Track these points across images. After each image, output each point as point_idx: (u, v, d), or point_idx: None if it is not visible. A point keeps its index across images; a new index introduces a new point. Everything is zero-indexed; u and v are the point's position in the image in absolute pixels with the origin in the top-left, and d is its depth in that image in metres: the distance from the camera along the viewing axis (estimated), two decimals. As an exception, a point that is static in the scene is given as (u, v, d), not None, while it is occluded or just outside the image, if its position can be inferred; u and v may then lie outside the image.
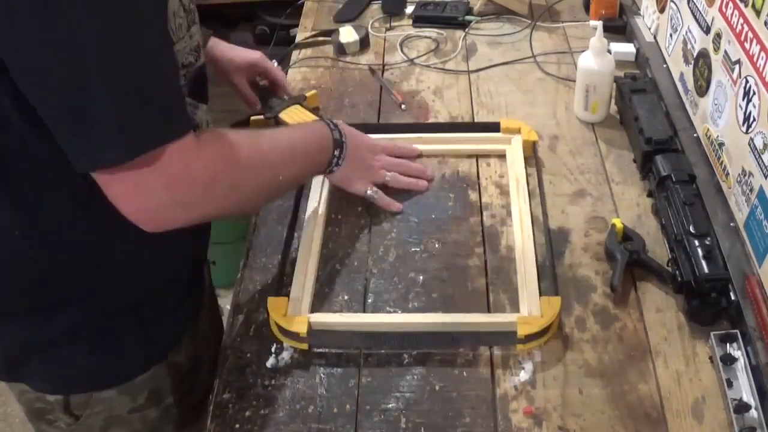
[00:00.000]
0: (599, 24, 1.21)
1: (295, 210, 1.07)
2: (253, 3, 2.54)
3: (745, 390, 0.82)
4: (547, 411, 0.83)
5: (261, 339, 0.92)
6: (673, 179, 1.01)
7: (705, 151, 1.08)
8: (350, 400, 0.85)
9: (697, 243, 0.92)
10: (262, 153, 0.86)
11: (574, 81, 1.24)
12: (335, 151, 1.00)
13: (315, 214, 1.06)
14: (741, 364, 0.84)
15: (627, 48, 1.37)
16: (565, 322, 0.92)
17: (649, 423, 0.82)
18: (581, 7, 1.54)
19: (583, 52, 1.20)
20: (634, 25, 1.40)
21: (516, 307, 0.94)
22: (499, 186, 1.12)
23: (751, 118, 0.92)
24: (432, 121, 1.27)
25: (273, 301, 0.92)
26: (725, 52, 1.01)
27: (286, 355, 0.90)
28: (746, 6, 0.94)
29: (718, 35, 1.03)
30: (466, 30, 1.51)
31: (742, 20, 0.95)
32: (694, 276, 0.90)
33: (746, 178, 0.93)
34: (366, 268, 1.00)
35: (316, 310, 0.94)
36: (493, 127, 1.19)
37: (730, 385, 0.83)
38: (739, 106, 0.96)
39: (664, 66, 1.26)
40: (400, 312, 0.94)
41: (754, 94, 0.91)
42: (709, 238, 0.93)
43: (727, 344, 0.86)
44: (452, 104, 1.31)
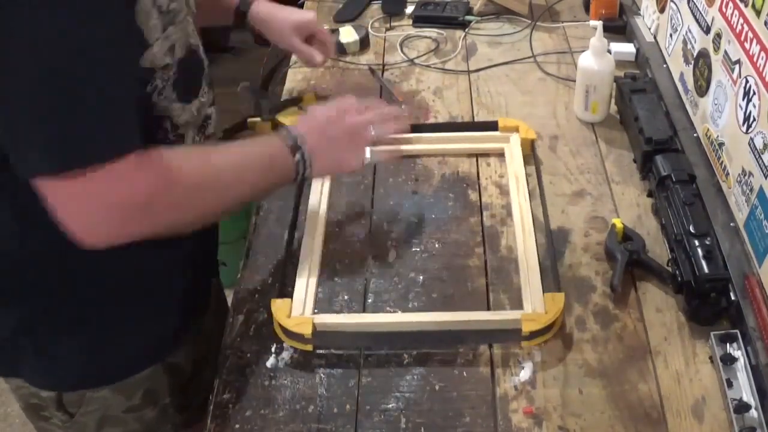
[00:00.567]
0: (599, 24, 1.21)
1: (296, 210, 1.07)
2: (254, 3, 2.53)
3: (745, 390, 0.82)
4: (547, 411, 0.83)
5: (261, 339, 0.92)
6: (673, 179, 1.01)
7: (705, 151, 1.08)
8: (350, 400, 0.85)
9: (697, 243, 0.92)
10: (204, 173, 0.82)
11: (574, 81, 1.25)
12: (296, 156, 0.91)
13: (315, 214, 1.06)
14: (741, 364, 0.84)
15: (627, 48, 1.37)
16: (566, 322, 0.92)
17: (649, 423, 0.82)
18: (581, 7, 1.54)
19: (583, 52, 1.20)
20: (634, 25, 1.40)
21: (516, 306, 0.94)
22: (499, 186, 1.12)
23: (751, 118, 0.92)
24: (432, 121, 1.27)
25: (276, 303, 0.92)
26: (725, 52, 1.01)
27: (286, 355, 0.90)
28: (746, 6, 0.94)
29: (718, 35, 1.03)
30: (466, 30, 1.51)
31: (742, 20, 0.95)
32: (694, 276, 0.90)
33: (746, 178, 0.93)
34: (366, 268, 1.00)
35: (317, 310, 0.94)
36: (492, 126, 1.19)
37: (730, 385, 0.83)
38: (739, 106, 0.96)
39: (664, 66, 1.26)
40: (400, 312, 0.94)
41: (754, 94, 0.91)
42: (709, 238, 0.93)
43: (727, 344, 0.86)
44: (452, 104, 1.31)
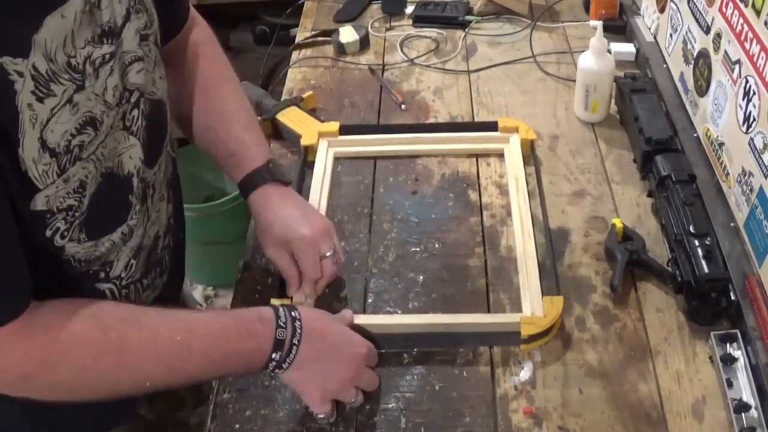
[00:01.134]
0: (599, 24, 1.21)
1: (295, 210, 1.07)
2: (253, 3, 2.54)
3: (745, 390, 0.82)
4: (547, 411, 0.83)
5: (261, 339, 0.92)
6: (673, 179, 1.01)
7: (705, 151, 1.08)
8: (350, 400, 0.85)
9: (697, 243, 0.92)
10: (109, 345, 0.69)
11: (574, 81, 1.24)
12: (273, 354, 0.76)
13: (315, 214, 1.06)
14: (741, 364, 0.84)
15: (627, 48, 1.37)
16: (565, 322, 0.92)
17: (649, 423, 0.82)
18: (581, 7, 1.54)
19: (583, 52, 1.20)
20: (634, 25, 1.40)
21: (516, 307, 0.94)
22: (499, 186, 1.12)
23: (751, 118, 0.92)
24: (432, 121, 1.27)
25: (276, 304, 0.92)
26: (725, 52, 1.01)
27: (286, 355, 0.90)
28: (746, 6, 0.94)
29: (718, 35, 1.03)
30: (466, 30, 1.51)
31: (742, 20, 0.95)
32: (694, 276, 0.90)
33: (746, 178, 0.93)
34: (366, 268, 1.00)
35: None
36: (492, 127, 1.19)
37: (730, 385, 0.83)
38: (739, 106, 0.96)
39: (664, 66, 1.26)
40: (400, 312, 0.94)
41: (754, 94, 0.91)
42: (709, 238, 0.93)
43: (727, 344, 0.86)
44: (452, 104, 1.31)
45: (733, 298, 0.89)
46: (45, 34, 0.62)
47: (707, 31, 1.08)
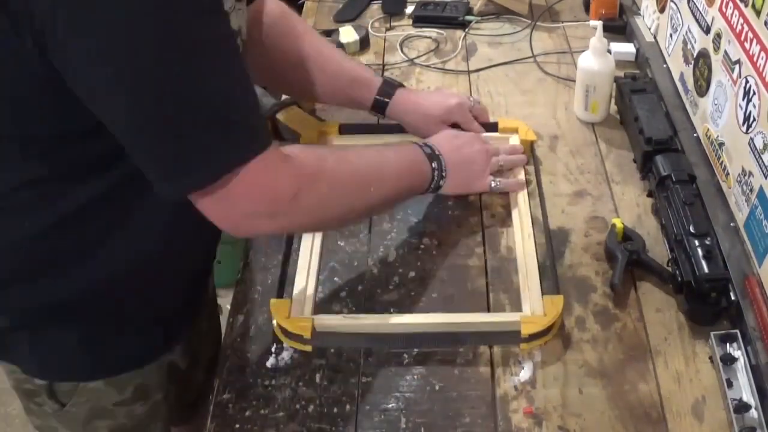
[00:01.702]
0: (599, 24, 1.21)
1: (295, 210, 1.07)
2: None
3: (745, 390, 0.82)
4: (547, 411, 0.83)
5: (261, 339, 0.92)
6: (673, 179, 1.01)
7: (705, 151, 1.08)
8: (350, 400, 0.85)
9: (697, 243, 0.92)
10: (349, 169, 0.86)
11: (574, 81, 1.24)
12: (433, 164, 0.98)
13: (315, 214, 1.06)
14: (741, 364, 0.84)
15: (627, 48, 1.37)
16: (566, 322, 0.92)
17: (649, 423, 0.82)
18: (581, 7, 1.54)
19: (583, 52, 1.20)
20: (634, 25, 1.40)
21: (516, 307, 0.94)
22: (499, 186, 1.12)
23: (751, 118, 0.92)
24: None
25: (275, 303, 0.92)
26: (725, 52, 1.01)
27: (286, 355, 0.90)
28: (746, 6, 0.94)
29: (718, 35, 1.03)
30: (466, 30, 1.51)
31: (742, 20, 0.95)
32: (694, 276, 0.90)
33: (746, 178, 0.93)
34: (366, 268, 1.00)
35: (316, 311, 0.94)
36: (492, 127, 1.19)
37: (730, 385, 0.83)
38: (739, 106, 0.96)
39: (664, 66, 1.26)
40: (399, 312, 0.94)
41: (754, 94, 0.91)
42: (709, 238, 0.93)
43: (727, 344, 0.86)
44: (452, 104, 1.31)
45: (733, 298, 0.89)
46: None
47: (707, 31, 1.08)
